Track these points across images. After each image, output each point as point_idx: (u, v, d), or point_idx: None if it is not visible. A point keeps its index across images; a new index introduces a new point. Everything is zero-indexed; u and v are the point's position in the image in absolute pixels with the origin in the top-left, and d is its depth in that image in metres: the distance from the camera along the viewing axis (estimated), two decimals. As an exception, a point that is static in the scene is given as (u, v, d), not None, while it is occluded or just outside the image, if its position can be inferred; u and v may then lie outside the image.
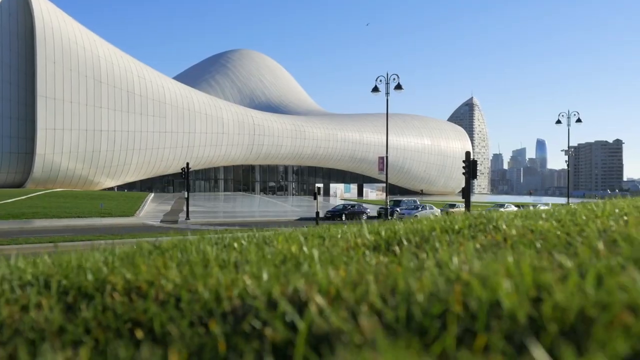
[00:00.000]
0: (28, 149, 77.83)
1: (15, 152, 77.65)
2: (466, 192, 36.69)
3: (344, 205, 57.54)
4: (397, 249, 2.97)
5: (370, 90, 42.90)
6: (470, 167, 36.47)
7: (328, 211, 53.09)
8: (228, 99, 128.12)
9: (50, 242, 26.49)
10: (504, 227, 3.63)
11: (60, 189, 77.87)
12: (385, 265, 2.42)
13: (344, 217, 52.29)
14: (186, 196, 48.19)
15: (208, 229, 37.45)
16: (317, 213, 43.27)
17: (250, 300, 1.91)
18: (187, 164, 50.66)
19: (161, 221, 45.39)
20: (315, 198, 43.94)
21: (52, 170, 79.21)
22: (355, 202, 70.50)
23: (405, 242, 3.12)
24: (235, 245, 3.83)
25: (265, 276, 2.22)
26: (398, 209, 56.94)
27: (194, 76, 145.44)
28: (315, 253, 2.78)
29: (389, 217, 45.60)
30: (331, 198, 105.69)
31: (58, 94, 78.20)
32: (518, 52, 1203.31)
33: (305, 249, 3.06)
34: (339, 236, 4.05)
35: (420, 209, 52.64)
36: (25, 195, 62.50)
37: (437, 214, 44.64)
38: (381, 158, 45.13)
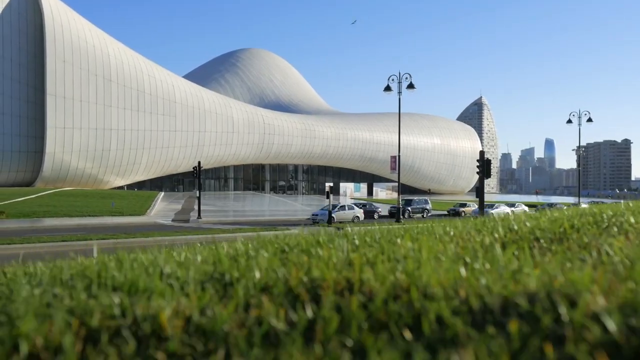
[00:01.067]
0: (38, 147, 77.70)
1: (25, 150, 77.54)
2: (480, 191, 36.19)
3: (354, 204, 56.99)
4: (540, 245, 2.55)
5: (379, 89, 42.85)
6: (484, 166, 35.95)
7: (341, 210, 52.53)
8: (238, 98, 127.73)
9: (62, 240, 26.16)
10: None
11: (70, 187, 77.76)
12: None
13: (356, 217, 51.84)
14: (198, 195, 47.81)
15: (221, 227, 37.12)
16: (330, 212, 42.84)
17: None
18: (199, 162, 50.28)
19: (173, 220, 45.02)
20: (327, 197, 43.50)
21: (62, 169, 79.06)
22: (367, 202, 70.00)
23: (540, 240, 2.69)
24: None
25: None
26: (410, 208, 56.52)
27: (203, 75, 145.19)
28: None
29: (405, 217, 45.24)
30: (341, 197, 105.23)
31: (68, 92, 78.04)
32: (526, 52, 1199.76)
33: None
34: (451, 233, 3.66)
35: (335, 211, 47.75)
36: (35, 194, 62.32)
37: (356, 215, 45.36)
38: (393, 157, 44.79)
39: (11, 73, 76.23)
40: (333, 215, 42.57)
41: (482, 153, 35.71)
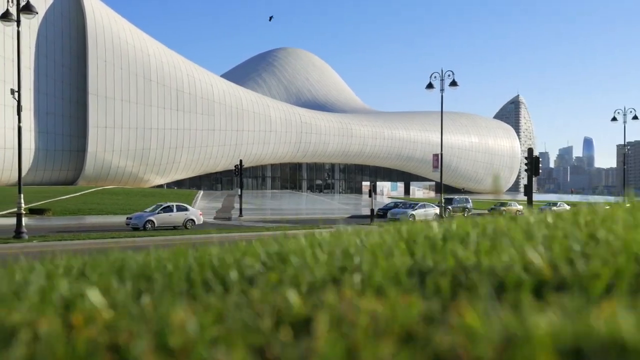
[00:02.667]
0: (80, 146, 78.91)
1: (68, 149, 78.81)
2: (528, 190, 35.57)
3: (395, 203, 56.62)
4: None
5: (415, 87, 43.27)
6: (533, 164, 35.30)
7: (380, 209, 52.16)
8: (274, 97, 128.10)
9: (111, 237, 26.41)
10: None
11: (111, 186, 78.82)
12: None
13: (396, 215, 51.52)
14: (239, 193, 47.97)
15: (263, 225, 37.16)
16: (373, 210, 42.61)
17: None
18: (240, 161, 50.51)
19: (214, 218, 45.26)
20: (370, 195, 43.35)
21: (103, 167, 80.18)
22: (406, 200, 69.56)
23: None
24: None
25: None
26: (451, 207, 55.96)
27: (241, 74, 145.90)
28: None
29: (443, 215, 44.70)
30: (377, 196, 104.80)
31: (109, 92, 79.13)
32: (564, 50, 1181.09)
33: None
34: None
35: (415, 209, 46.44)
36: (78, 192, 63.29)
37: (435, 212, 41.88)
38: (435, 156, 44.35)
39: (55, 73, 77.52)
40: (413, 212, 40.58)
41: (530, 150, 35.11)
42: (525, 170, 34.96)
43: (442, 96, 41.13)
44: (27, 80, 72.61)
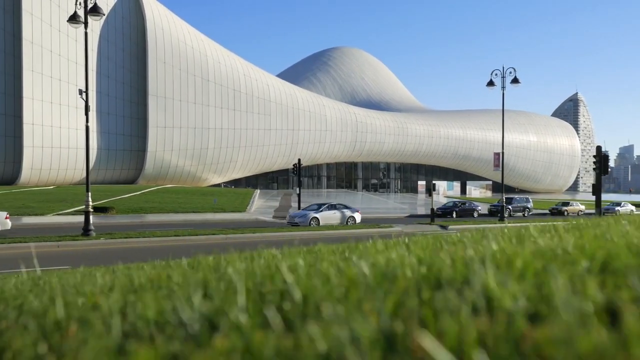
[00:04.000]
0: (140, 146, 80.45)
1: (129, 149, 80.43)
2: (597, 190, 34.41)
3: (454, 202, 55.69)
4: None
5: (472, 86, 43.03)
6: (602, 163, 34.17)
7: (438, 208, 51.47)
8: (329, 97, 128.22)
9: (175, 235, 26.61)
10: None
11: (171, 185, 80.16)
12: None
13: (454, 215, 50.75)
14: (298, 192, 47.98)
15: (320, 225, 36.97)
16: (433, 210, 41.99)
17: None
18: (299, 160, 50.45)
19: (273, 217, 45.32)
20: (430, 195, 42.77)
21: (162, 166, 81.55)
22: (466, 200, 68.49)
23: None
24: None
25: None
26: (511, 207, 54.85)
27: (296, 74, 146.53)
28: None
29: (505, 216, 43.71)
30: (433, 195, 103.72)
31: (168, 92, 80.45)
32: (623, 47, 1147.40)
33: None
34: None
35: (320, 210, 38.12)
36: (139, 191, 64.49)
37: (352, 216, 37.46)
38: (496, 154, 43.44)
39: (115, 75, 79.22)
40: (316, 215, 36.36)
41: (598, 149, 33.99)
42: (594, 169, 33.86)
43: (503, 94, 40.40)
44: (90, 81, 74.35)
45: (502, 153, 42.28)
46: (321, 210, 37.47)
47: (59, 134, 72.35)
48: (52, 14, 71.77)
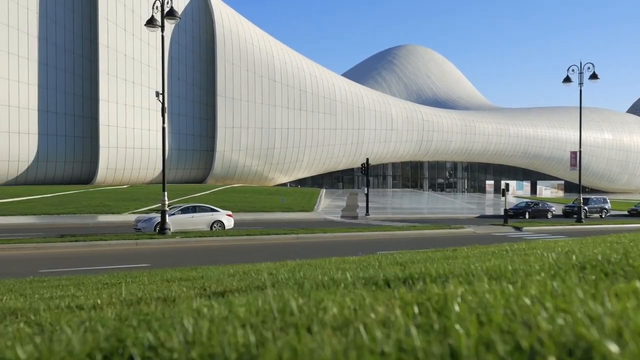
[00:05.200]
0: (209, 146, 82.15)
1: (198, 149, 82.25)
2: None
3: (526, 202, 54.60)
4: None
5: (541, 84, 41.92)
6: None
7: (510, 209, 50.69)
8: (394, 95, 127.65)
9: (247, 235, 27.15)
10: None
11: (238, 184, 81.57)
12: None
13: (527, 216, 49.79)
14: (366, 192, 48.06)
15: (392, 225, 36.97)
16: (506, 211, 41.35)
17: None
18: (367, 159, 50.46)
19: (341, 217, 45.57)
20: (503, 195, 41.99)
21: (230, 166, 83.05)
22: (538, 200, 67.05)
23: None
24: None
25: None
26: (587, 208, 53.28)
27: (361, 73, 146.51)
28: None
29: (582, 217, 42.54)
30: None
31: (236, 93, 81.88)
32: None
33: None
34: None
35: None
36: (208, 190, 65.89)
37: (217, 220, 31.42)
38: (573, 153, 42.42)
39: (186, 76, 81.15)
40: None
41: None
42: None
43: (580, 90, 39.39)
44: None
45: (580, 152, 41.22)
46: (173, 214, 30.51)
47: (132, 134, 74.69)
48: (126, 19, 74.15)
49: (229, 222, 32.49)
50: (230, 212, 33.71)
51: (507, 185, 42.40)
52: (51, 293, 6.29)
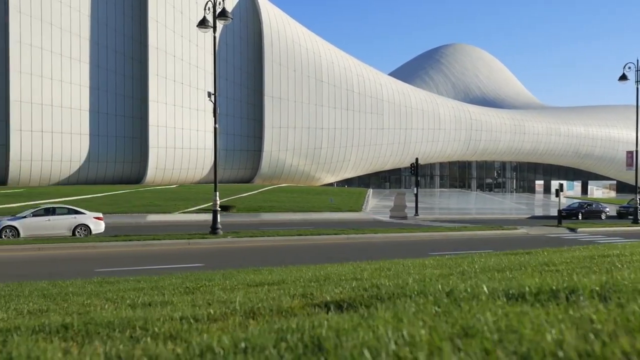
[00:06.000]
0: (256, 146, 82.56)
1: (246, 149, 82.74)
2: None
3: (579, 203, 53.29)
4: None
5: (593, 83, 39.86)
6: None
7: (563, 209, 49.54)
8: (442, 94, 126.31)
9: (298, 234, 27.04)
10: None
11: (285, 184, 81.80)
12: None
13: (580, 217, 48.58)
14: (415, 192, 47.57)
15: (443, 225, 36.43)
16: (560, 211, 40.37)
17: None
18: (417, 159, 49.93)
19: (390, 217, 45.17)
20: (557, 195, 41.05)
21: (277, 166, 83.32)
22: (592, 200, 65.42)
23: None
24: None
25: None
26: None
27: (407, 72, 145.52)
28: None
29: (639, 218, 41.27)
30: (552, 196, 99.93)
31: (283, 94, 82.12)
32: None
33: None
34: None
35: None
36: (256, 190, 66.22)
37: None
38: (630, 153, 41.22)
39: (234, 77, 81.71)
40: (13, 224, 26.41)
41: None
42: None
43: (637, 88, 38.15)
44: (211, 84, 77.39)
45: (637, 151, 39.99)
46: (24, 217, 27.23)
47: (181, 135, 75.57)
48: (175, 21, 75.07)
49: (97, 226, 27.93)
50: (100, 215, 28.89)
51: (561, 185, 41.35)
52: (138, 298, 6.16)
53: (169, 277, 9.98)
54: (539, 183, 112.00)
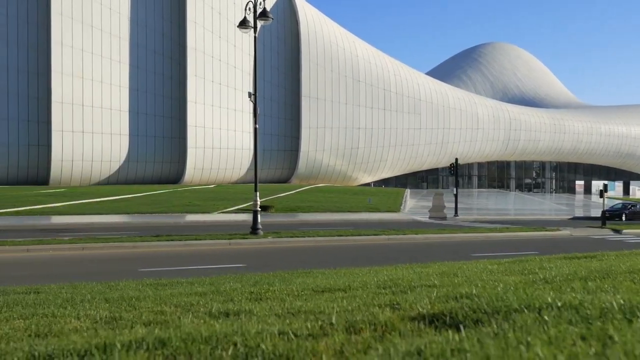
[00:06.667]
0: (293, 146, 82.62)
1: (282, 149, 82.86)
2: None
3: (622, 204, 52.11)
4: None
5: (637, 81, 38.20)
6: None
7: (605, 210, 48.44)
8: (480, 94, 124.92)
9: (338, 235, 26.84)
10: None
11: (321, 184, 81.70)
12: None
13: (623, 218, 47.46)
14: (455, 192, 47.06)
15: (480, 226, 35.88)
16: (604, 212, 39.48)
17: None
18: (456, 159, 49.42)
19: (429, 217, 44.70)
20: (601, 196, 40.23)
21: (314, 166, 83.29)
22: (636, 201, 63.99)
23: None
24: None
25: None
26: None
27: (445, 71, 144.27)
28: None
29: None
30: (593, 196, 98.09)
31: (320, 94, 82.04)
32: None
33: None
34: None
35: None
36: (293, 190, 66.25)
37: None
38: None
39: (271, 77, 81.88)
40: None
41: None
42: None
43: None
44: (248, 84, 77.78)
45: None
46: None
47: (219, 135, 76.02)
48: (213, 22, 75.53)
49: None
50: None
51: (605, 186, 40.46)
52: (211, 306, 5.91)
53: (224, 280, 9.84)
54: (579, 183, 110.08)
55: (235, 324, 3.91)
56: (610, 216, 46.82)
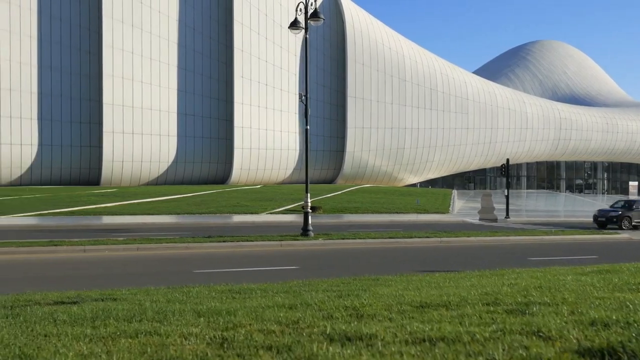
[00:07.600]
0: (339, 147, 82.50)
1: (329, 150, 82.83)
2: None
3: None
4: None
5: None
6: None
7: (664, 213, 46.81)
8: (528, 92, 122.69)
9: (389, 237, 26.54)
10: None
11: (367, 185, 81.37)
12: None
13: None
14: (506, 194, 46.19)
15: (534, 229, 35.06)
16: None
17: None
18: (507, 160, 48.61)
19: (480, 219, 43.96)
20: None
21: (360, 166, 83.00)
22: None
23: None
24: None
25: None
26: None
27: (492, 70, 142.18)
28: None
29: None
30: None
31: (366, 94, 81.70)
32: None
33: None
34: None
35: None
36: (339, 190, 66.08)
37: None
38: None
39: (317, 77, 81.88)
40: None
41: None
42: None
43: None
44: (295, 85, 78.10)
45: None
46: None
47: (265, 136, 76.39)
48: (260, 23, 75.93)
49: None
50: None
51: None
52: (317, 326, 5.48)
53: (296, 287, 9.66)
54: (633, 184, 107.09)
55: (369, 354, 3.57)
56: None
